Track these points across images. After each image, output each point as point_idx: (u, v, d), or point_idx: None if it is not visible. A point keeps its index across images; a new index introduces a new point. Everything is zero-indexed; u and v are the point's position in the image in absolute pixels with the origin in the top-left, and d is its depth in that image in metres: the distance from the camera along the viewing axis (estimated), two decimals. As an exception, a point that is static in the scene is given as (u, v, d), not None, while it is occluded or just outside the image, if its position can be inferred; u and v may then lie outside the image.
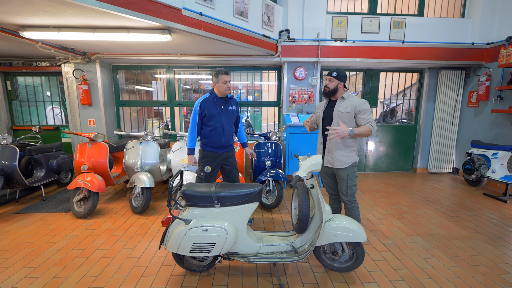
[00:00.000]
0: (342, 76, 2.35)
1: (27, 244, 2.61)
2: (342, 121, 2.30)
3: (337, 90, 2.38)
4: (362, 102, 2.29)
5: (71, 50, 3.90)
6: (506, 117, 4.21)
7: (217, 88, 2.58)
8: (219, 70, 2.51)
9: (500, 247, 2.61)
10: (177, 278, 2.12)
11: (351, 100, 2.34)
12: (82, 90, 4.36)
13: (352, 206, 2.41)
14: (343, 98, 2.38)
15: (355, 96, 2.39)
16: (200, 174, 2.69)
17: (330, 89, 2.39)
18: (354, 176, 2.38)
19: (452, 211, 3.48)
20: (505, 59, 3.95)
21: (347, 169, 2.35)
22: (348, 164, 2.34)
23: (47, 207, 3.54)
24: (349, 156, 2.35)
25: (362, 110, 2.27)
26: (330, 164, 2.40)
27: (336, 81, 2.36)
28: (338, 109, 2.37)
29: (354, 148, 2.38)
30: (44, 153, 3.96)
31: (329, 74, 2.38)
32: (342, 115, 2.33)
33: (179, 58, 4.35)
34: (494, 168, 3.99)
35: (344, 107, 2.33)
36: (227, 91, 2.58)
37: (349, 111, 2.30)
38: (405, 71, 5.20)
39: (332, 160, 2.37)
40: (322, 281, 2.10)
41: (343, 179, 2.38)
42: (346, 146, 2.35)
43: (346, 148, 2.35)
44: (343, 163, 2.34)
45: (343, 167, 2.35)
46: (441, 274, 2.20)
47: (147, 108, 5.72)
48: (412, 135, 5.44)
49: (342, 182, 2.39)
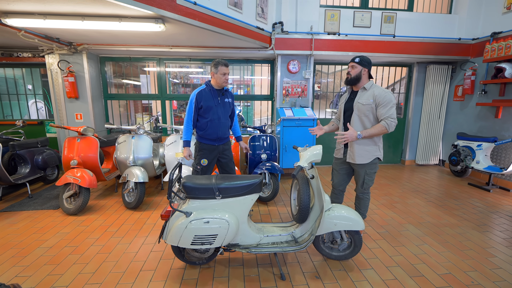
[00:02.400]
0: (366, 62, 2.16)
1: (16, 243, 2.50)
2: (361, 114, 2.17)
3: (360, 78, 2.18)
4: (384, 93, 2.08)
5: (56, 40, 3.71)
6: (489, 110, 4.40)
7: (214, 79, 2.54)
8: (219, 61, 2.46)
9: (486, 232, 2.75)
10: (177, 272, 2.10)
11: (373, 91, 2.14)
12: (68, 83, 4.17)
13: (364, 197, 2.41)
14: (365, 89, 2.18)
15: (379, 86, 2.18)
16: (197, 167, 2.65)
17: (352, 76, 2.19)
18: (372, 172, 2.26)
19: (440, 200, 3.63)
20: (490, 54, 4.10)
21: (367, 165, 2.23)
22: (370, 159, 2.20)
23: (34, 204, 3.39)
24: (371, 151, 2.19)
25: (384, 102, 2.06)
26: (351, 159, 2.26)
27: (360, 67, 2.15)
28: (358, 100, 2.18)
29: (377, 144, 2.22)
30: (28, 149, 3.78)
31: (352, 60, 2.19)
32: (362, 108, 2.15)
33: (171, 49, 4.24)
34: (479, 159, 4.18)
35: (365, 98, 2.14)
36: (224, 83, 2.54)
37: (370, 102, 2.11)
38: (395, 66, 5.31)
39: (353, 155, 2.23)
40: (321, 269, 2.14)
41: (360, 175, 2.29)
42: (370, 141, 2.18)
43: (369, 143, 2.18)
44: (364, 159, 2.20)
45: (364, 163, 2.21)
46: (433, 259, 2.29)
47: (134, 103, 5.56)
48: (401, 129, 5.59)
49: (359, 177, 2.31)
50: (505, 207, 3.38)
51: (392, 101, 2.08)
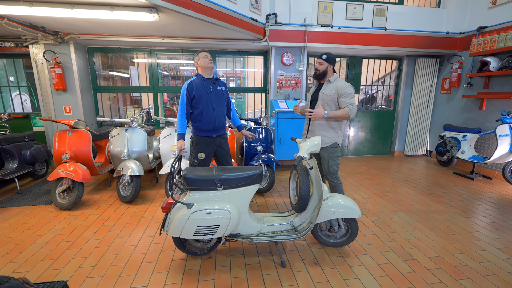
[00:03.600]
0: (331, 59, 2.46)
1: (9, 239, 2.44)
2: (324, 103, 2.46)
3: (326, 73, 2.49)
4: (345, 86, 2.39)
5: (42, 29, 3.54)
6: (474, 102, 4.58)
7: (200, 67, 2.52)
8: (197, 51, 2.51)
9: (471, 218, 2.92)
10: (178, 263, 2.12)
11: (335, 84, 2.45)
12: (56, 74, 4.01)
13: (335, 183, 2.56)
14: (329, 82, 2.49)
15: (342, 80, 2.49)
16: (193, 161, 2.60)
17: (320, 72, 2.49)
18: (335, 156, 2.52)
19: (429, 189, 3.79)
20: (476, 48, 4.25)
21: (327, 148, 2.49)
22: (328, 144, 2.48)
23: (24, 200, 3.29)
24: (330, 137, 2.49)
25: (344, 93, 2.37)
26: None
27: (326, 64, 2.46)
28: (323, 91, 2.50)
29: (336, 130, 2.51)
30: (15, 143, 3.64)
31: (319, 57, 2.48)
32: (325, 98, 2.46)
33: (163, 40, 4.13)
34: (464, 149, 4.37)
35: (329, 90, 2.46)
36: (210, 65, 2.50)
37: (332, 93, 2.42)
38: (385, 59, 5.41)
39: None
40: (319, 256, 2.22)
41: (324, 159, 2.54)
42: (329, 127, 2.49)
43: (329, 129, 2.49)
44: (323, 143, 2.47)
45: (324, 147, 2.49)
46: (423, 243, 2.42)
47: (123, 96, 5.41)
48: (390, 121, 5.75)
49: (324, 162, 2.55)
50: (488, 194, 3.58)
51: (352, 92, 2.40)
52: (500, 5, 4.14)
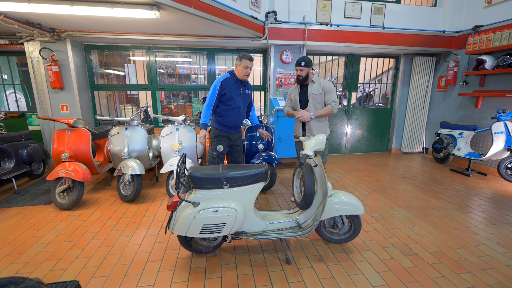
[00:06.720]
0: (309, 62, 2.73)
1: (10, 240, 2.40)
2: (316, 101, 2.78)
3: (308, 76, 2.78)
4: (328, 83, 2.77)
5: (38, 26, 3.47)
6: (470, 100, 4.67)
7: (237, 71, 2.64)
8: (244, 54, 2.57)
9: (468, 213, 2.99)
10: (184, 261, 2.12)
11: (320, 83, 2.78)
12: (52, 72, 3.94)
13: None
14: (313, 81, 2.80)
15: (322, 78, 2.84)
16: (213, 153, 2.73)
17: (303, 77, 2.77)
18: (327, 147, 2.83)
19: (426, 185, 3.86)
20: (472, 46, 4.32)
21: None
22: (328, 133, 2.87)
23: (22, 200, 3.25)
24: (325, 126, 2.87)
25: (328, 90, 2.75)
26: (311, 134, 2.83)
27: (306, 69, 2.74)
28: (311, 91, 2.78)
29: (326, 122, 2.90)
30: (11, 143, 3.58)
31: (298, 64, 2.73)
32: (315, 97, 2.77)
33: (162, 38, 4.09)
34: (460, 146, 4.46)
35: (316, 89, 2.77)
36: (244, 77, 2.64)
37: (320, 92, 2.76)
38: (383, 57, 5.46)
39: (312, 131, 2.84)
40: (323, 252, 2.25)
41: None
42: (320, 121, 2.85)
43: (320, 122, 2.85)
44: (320, 132, 2.79)
45: None
46: (424, 239, 2.47)
47: (118, 94, 5.35)
48: (388, 118, 5.81)
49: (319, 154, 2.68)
50: (483, 190, 3.67)
51: (334, 89, 2.78)
52: (495, 4, 4.21)
